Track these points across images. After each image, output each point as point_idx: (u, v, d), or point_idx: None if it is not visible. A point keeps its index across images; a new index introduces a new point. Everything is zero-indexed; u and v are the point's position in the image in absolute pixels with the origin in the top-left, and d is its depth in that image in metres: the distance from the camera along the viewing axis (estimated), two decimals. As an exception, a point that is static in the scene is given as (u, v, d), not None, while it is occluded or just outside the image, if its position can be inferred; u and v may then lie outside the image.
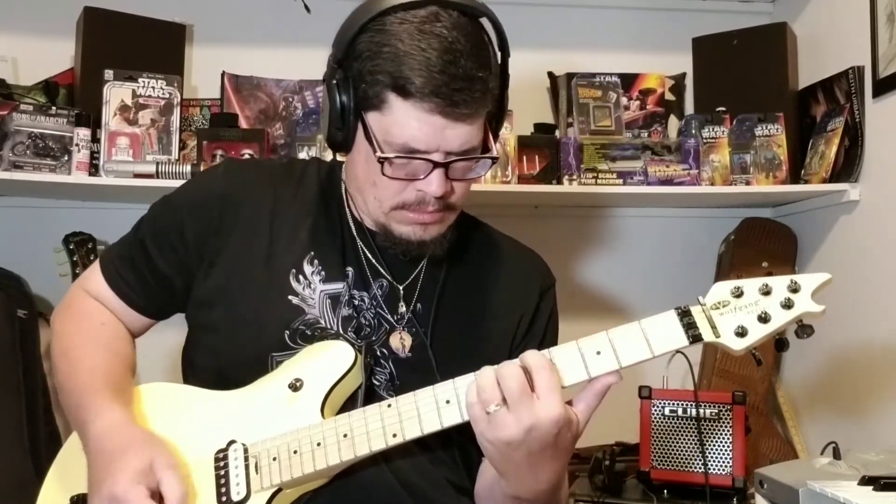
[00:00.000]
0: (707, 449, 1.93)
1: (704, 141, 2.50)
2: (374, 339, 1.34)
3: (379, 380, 1.33)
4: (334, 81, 1.26)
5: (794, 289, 1.15)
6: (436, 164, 1.23)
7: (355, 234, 1.39)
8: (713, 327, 1.15)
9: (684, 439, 1.96)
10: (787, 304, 1.14)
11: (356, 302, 1.35)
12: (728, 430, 1.94)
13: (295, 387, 1.26)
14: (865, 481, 1.38)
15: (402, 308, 1.37)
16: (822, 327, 1.23)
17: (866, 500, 1.30)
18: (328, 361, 1.27)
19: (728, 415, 1.94)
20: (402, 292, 1.37)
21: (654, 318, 1.18)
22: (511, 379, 1.11)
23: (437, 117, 1.20)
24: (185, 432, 1.28)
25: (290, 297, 1.33)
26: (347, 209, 1.41)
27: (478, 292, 1.42)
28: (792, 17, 2.66)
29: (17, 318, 2.30)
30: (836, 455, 1.72)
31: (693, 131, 2.50)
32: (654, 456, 1.98)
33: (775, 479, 1.50)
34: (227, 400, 1.30)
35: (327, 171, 1.47)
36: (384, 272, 1.38)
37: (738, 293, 1.16)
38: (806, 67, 2.60)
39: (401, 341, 1.34)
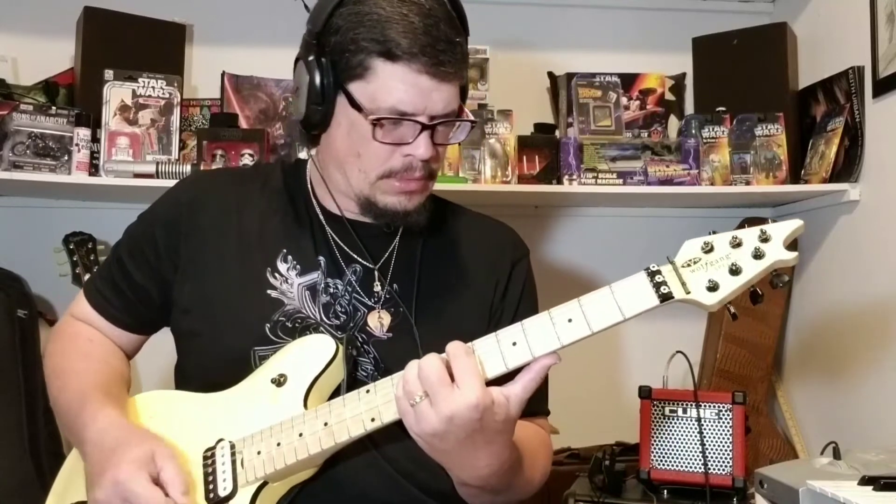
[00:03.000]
0: (707, 449, 1.93)
1: (704, 141, 2.50)
2: (351, 325, 1.34)
3: (366, 369, 1.33)
4: (311, 58, 1.29)
5: (765, 238, 1.11)
6: (423, 126, 1.26)
7: (324, 222, 1.41)
8: (683, 283, 1.12)
9: (684, 439, 1.96)
10: (758, 255, 1.11)
11: (331, 290, 1.36)
12: (728, 430, 1.94)
13: (278, 382, 1.27)
14: (865, 481, 1.37)
15: (378, 287, 1.37)
16: (822, 326, 1.23)
17: (866, 500, 1.30)
18: (310, 354, 1.28)
19: (728, 415, 1.94)
20: (376, 273, 1.38)
21: (623, 281, 1.16)
22: (429, 369, 1.10)
23: (423, 77, 1.24)
24: (174, 435, 1.29)
25: (268, 291, 1.34)
26: (314, 200, 1.43)
27: (452, 266, 1.44)
28: (792, 17, 2.66)
29: (18, 318, 2.30)
30: (836, 455, 1.72)
31: (693, 131, 2.51)
32: (654, 456, 1.97)
33: (775, 478, 1.50)
34: (214, 401, 1.31)
35: (292, 168, 1.49)
36: (356, 256, 1.39)
37: (709, 248, 1.14)
38: (806, 67, 2.60)
39: (379, 320, 1.35)
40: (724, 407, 1.96)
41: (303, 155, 2.42)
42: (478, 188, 2.38)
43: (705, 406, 1.96)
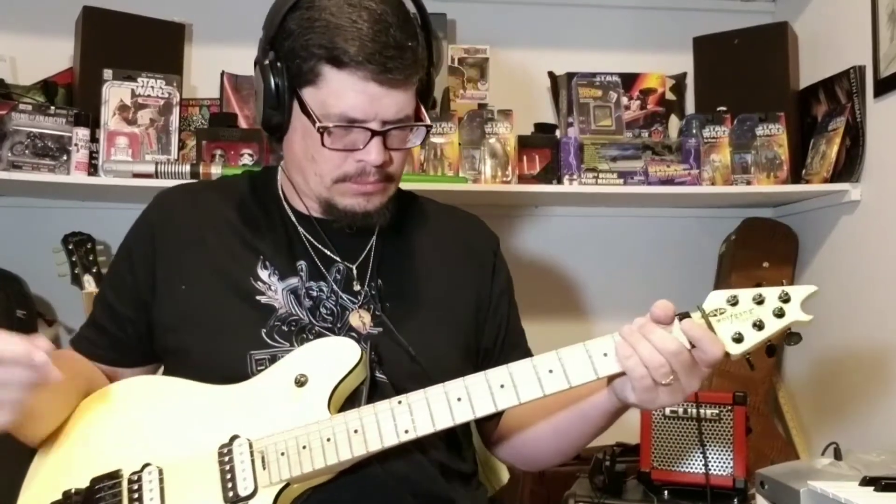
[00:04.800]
0: (708, 449, 1.93)
1: (705, 141, 2.49)
2: (339, 325, 1.34)
3: (382, 370, 1.33)
4: (266, 62, 1.29)
5: (785, 299, 1.21)
6: (374, 133, 1.26)
7: (298, 225, 1.40)
8: (713, 332, 1.20)
9: (685, 440, 1.95)
10: (779, 313, 1.20)
11: (314, 293, 1.36)
12: (729, 431, 1.93)
13: (300, 382, 1.26)
14: (866, 482, 1.37)
15: (357, 286, 1.38)
16: (822, 327, 1.25)
17: (867, 501, 1.29)
18: (333, 357, 1.27)
19: (729, 415, 1.94)
20: (355, 272, 1.39)
21: None
22: (682, 355, 1.17)
23: (371, 84, 1.24)
24: (185, 426, 1.28)
25: (258, 297, 1.34)
26: (286, 204, 1.43)
27: (432, 257, 1.45)
28: (793, 17, 2.66)
29: (16, 319, 2.30)
30: (837, 456, 1.71)
31: (694, 131, 2.50)
32: (655, 456, 1.97)
33: (776, 479, 1.50)
34: (227, 394, 1.29)
35: (261, 176, 1.49)
36: (336, 257, 1.39)
37: (734, 301, 1.22)
38: (807, 67, 2.60)
39: (360, 319, 1.35)
40: (724, 407, 1.95)
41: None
42: (478, 188, 2.37)
43: (706, 406, 1.96)
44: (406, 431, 1.21)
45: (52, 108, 2.27)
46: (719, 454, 1.93)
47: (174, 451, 1.25)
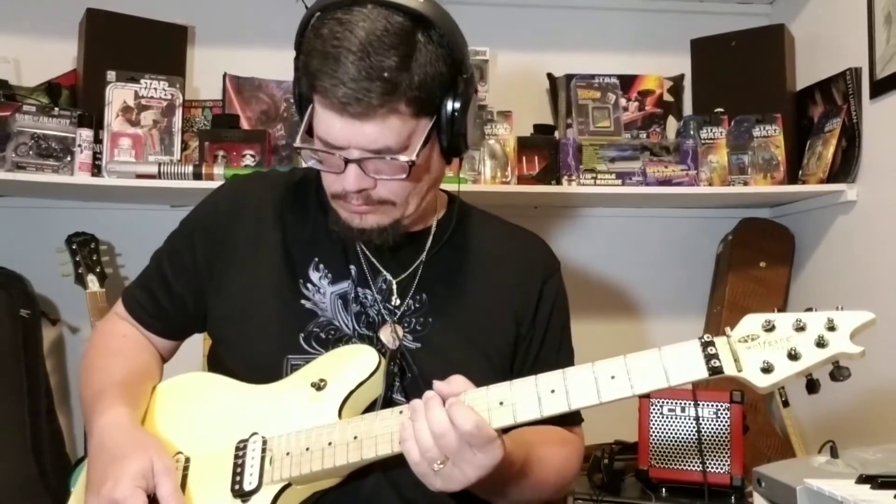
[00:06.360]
0: (705, 448, 1.94)
1: (703, 142, 2.51)
2: (374, 337, 1.35)
3: (398, 383, 1.33)
4: (295, 73, 1.32)
5: (831, 327, 1.09)
6: (348, 161, 1.25)
7: None
8: (736, 360, 1.10)
9: (683, 438, 1.97)
10: (821, 343, 1.08)
11: (361, 298, 1.37)
12: (726, 429, 1.95)
13: (318, 386, 1.28)
14: (863, 480, 1.38)
15: (396, 301, 1.38)
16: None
17: (863, 499, 1.30)
18: (353, 365, 1.29)
19: (726, 414, 1.96)
20: (395, 287, 1.39)
21: (675, 346, 1.13)
22: (447, 438, 1.11)
23: (335, 116, 1.21)
24: (217, 421, 1.32)
25: (302, 301, 1.36)
26: None
27: (478, 282, 1.43)
28: (790, 19, 2.67)
29: (20, 318, 2.31)
30: (834, 453, 1.72)
31: (691, 132, 2.52)
32: (653, 455, 1.99)
33: (773, 477, 1.50)
34: (257, 393, 1.33)
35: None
36: (381, 267, 1.40)
37: (770, 327, 1.11)
38: (804, 69, 2.61)
39: (391, 334, 1.36)
40: (722, 406, 1.97)
41: (304, 156, 2.43)
42: (477, 189, 2.38)
43: (704, 405, 1.98)
44: (400, 442, 1.19)
45: (56, 109, 2.29)
46: (717, 452, 1.95)
47: (203, 443, 1.30)
